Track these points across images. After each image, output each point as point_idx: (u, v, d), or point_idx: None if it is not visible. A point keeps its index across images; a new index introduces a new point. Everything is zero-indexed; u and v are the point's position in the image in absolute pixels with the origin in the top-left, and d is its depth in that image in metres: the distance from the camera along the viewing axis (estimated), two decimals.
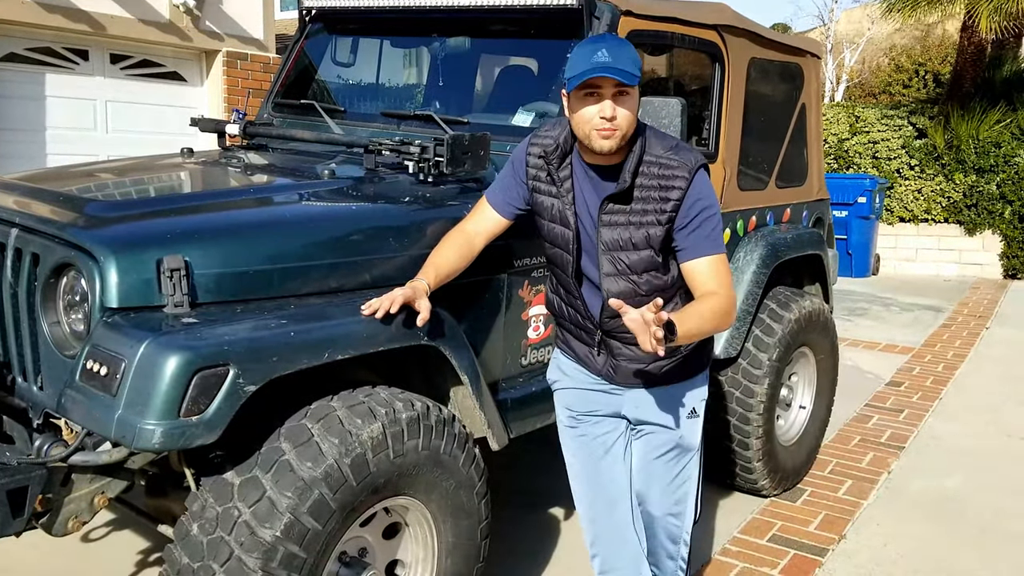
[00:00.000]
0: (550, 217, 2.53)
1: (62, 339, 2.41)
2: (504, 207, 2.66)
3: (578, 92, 2.30)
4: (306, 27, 4.13)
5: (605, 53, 2.24)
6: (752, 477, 4.25)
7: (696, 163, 2.39)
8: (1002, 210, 12.08)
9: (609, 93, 2.27)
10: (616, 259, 2.45)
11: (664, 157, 2.39)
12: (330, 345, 2.34)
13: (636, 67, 2.27)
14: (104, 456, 2.31)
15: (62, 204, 2.60)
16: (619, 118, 2.28)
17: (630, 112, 2.30)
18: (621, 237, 2.42)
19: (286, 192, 2.98)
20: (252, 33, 8.86)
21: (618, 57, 2.25)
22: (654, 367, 2.60)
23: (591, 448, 2.75)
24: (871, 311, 9.64)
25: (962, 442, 5.42)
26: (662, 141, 2.43)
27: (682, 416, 2.67)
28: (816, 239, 4.62)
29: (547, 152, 2.48)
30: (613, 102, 2.27)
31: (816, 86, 4.88)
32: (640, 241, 2.41)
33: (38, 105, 7.58)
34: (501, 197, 2.66)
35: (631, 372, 2.61)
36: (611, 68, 2.22)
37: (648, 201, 2.38)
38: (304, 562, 2.23)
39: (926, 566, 3.82)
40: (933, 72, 18.55)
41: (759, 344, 4.06)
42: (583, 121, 2.32)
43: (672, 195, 2.36)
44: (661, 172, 2.37)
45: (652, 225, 2.39)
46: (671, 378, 2.64)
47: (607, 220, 2.43)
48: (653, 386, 2.64)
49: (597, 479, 2.75)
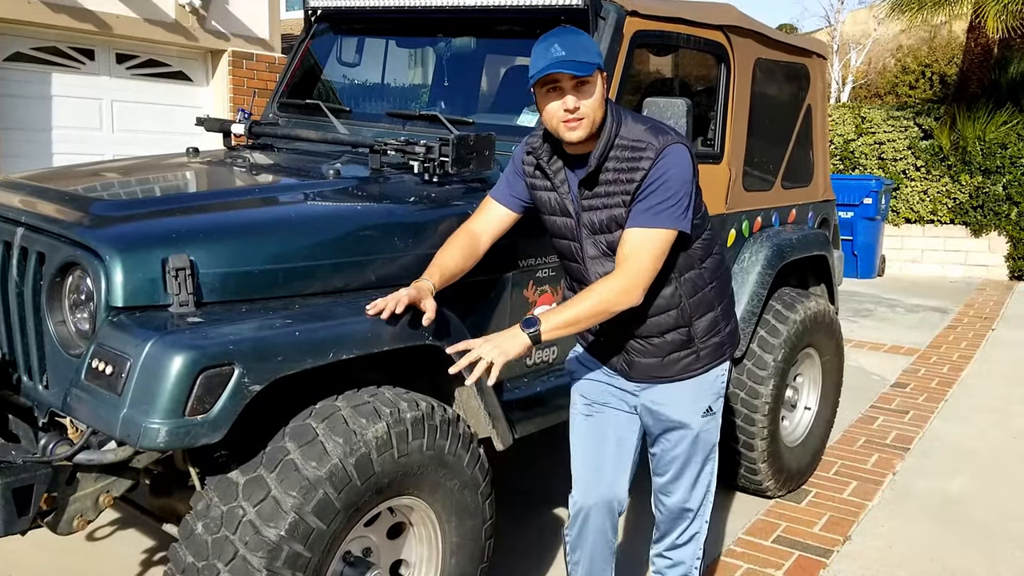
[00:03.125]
0: (550, 211, 2.59)
1: (67, 338, 2.41)
2: (510, 200, 2.70)
3: (541, 89, 2.36)
4: (312, 27, 4.14)
5: (559, 47, 2.30)
6: (757, 478, 4.24)
7: (667, 143, 2.38)
8: (1008, 211, 12.05)
9: (569, 86, 2.33)
10: (598, 242, 2.51)
11: (637, 139, 2.41)
12: (335, 345, 2.34)
13: (593, 55, 2.32)
14: (109, 455, 2.32)
15: (68, 203, 2.61)
16: (582, 108, 2.34)
17: (594, 99, 2.35)
18: (599, 219, 2.47)
19: (291, 192, 2.98)
20: (258, 33, 8.87)
21: (572, 49, 2.29)
22: (669, 360, 2.61)
23: (601, 443, 2.77)
24: (876, 312, 9.62)
25: (968, 443, 5.40)
26: (639, 123, 2.45)
27: (697, 413, 2.68)
28: (821, 240, 4.61)
29: (535, 149, 2.56)
30: (574, 94, 2.33)
31: (822, 87, 4.87)
32: (611, 223, 2.46)
33: (44, 104, 7.61)
34: (506, 191, 2.71)
35: (645, 366, 2.63)
36: (565, 62, 2.28)
37: (616, 183, 2.42)
38: (308, 561, 2.23)
39: (931, 568, 3.81)
40: (939, 73, 18.54)
41: (764, 345, 4.05)
42: (549, 116, 2.38)
43: (636, 176, 2.39)
44: (631, 155, 2.40)
45: (618, 207, 2.43)
46: (688, 370, 2.64)
47: (586, 204, 2.48)
48: (671, 381, 2.64)
49: (598, 473, 2.77)
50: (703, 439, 2.71)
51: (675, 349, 2.60)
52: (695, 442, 2.70)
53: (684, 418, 2.67)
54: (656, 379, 2.64)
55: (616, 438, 2.76)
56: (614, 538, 2.88)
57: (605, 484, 2.77)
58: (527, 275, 3.11)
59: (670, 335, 2.58)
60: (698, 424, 2.68)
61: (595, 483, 2.78)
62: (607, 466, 2.77)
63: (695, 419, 2.68)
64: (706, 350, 2.64)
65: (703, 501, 2.81)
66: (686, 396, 2.66)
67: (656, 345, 2.59)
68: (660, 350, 2.60)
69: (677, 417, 2.67)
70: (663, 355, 2.60)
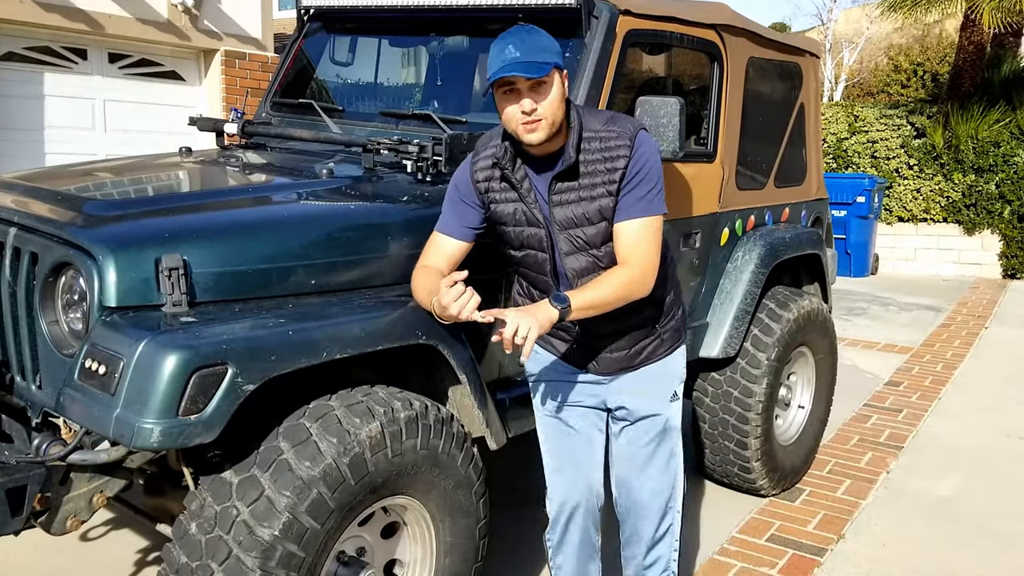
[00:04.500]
0: (515, 222, 2.53)
1: (61, 338, 2.41)
2: (463, 231, 2.59)
3: (498, 92, 2.34)
4: (304, 26, 4.13)
5: (513, 49, 2.28)
6: (751, 477, 4.25)
7: (635, 129, 2.42)
8: (1001, 210, 12.09)
9: (525, 87, 2.31)
10: (573, 236, 2.49)
11: (603, 130, 2.42)
12: (328, 344, 2.34)
13: (549, 53, 2.30)
14: (103, 455, 2.31)
15: (61, 203, 2.60)
16: (540, 109, 2.32)
17: (551, 100, 2.33)
18: (574, 213, 2.46)
19: (284, 191, 2.98)
20: (250, 32, 8.86)
21: (527, 50, 2.28)
22: (635, 349, 2.66)
23: (574, 442, 2.78)
24: (870, 311, 9.64)
25: (961, 442, 5.42)
26: (596, 116, 2.48)
27: (666, 399, 2.74)
28: (815, 239, 4.62)
29: (499, 159, 2.48)
30: (531, 95, 2.31)
31: (815, 85, 4.88)
32: (594, 214, 2.45)
33: (36, 104, 7.59)
34: (457, 223, 2.59)
35: (613, 360, 2.67)
36: (520, 63, 2.26)
37: (596, 174, 2.42)
38: (302, 561, 2.23)
39: (925, 566, 3.82)
40: (931, 72, 18.59)
41: (758, 344, 4.06)
42: (508, 119, 2.36)
43: (619, 164, 2.40)
44: (603, 145, 2.41)
45: (603, 196, 2.43)
46: (653, 356, 2.70)
47: (557, 200, 2.46)
48: (637, 368, 2.69)
49: (576, 472, 2.78)
50: (671, 425, 2.77)
51: (641, 338, 2.66)
52: (665, 429, 2.75)
53: (654, 405, 2.73)
54: (624, 370, 2.69)
55: (586, 437, 2.78)
56: (597, 536, 2.89)
57: (583, 483, 2.79)
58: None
59: (634, 324, 2.62)
60: (667, 410, 2.75)
61: (573, 483, 2.79)
62: (583, 465, 2.79)
63: (664, 405, 2.74)
64: (667, 334, 2.71)
65: (674, 491, 2.83)
66: (654, 382, 2.72)
67: (622, 337, 2.63)
68: (627, 342, 2.65)
69: (647, 404, 2.72)
70: (630, 346, 2.66)
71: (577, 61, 3.20)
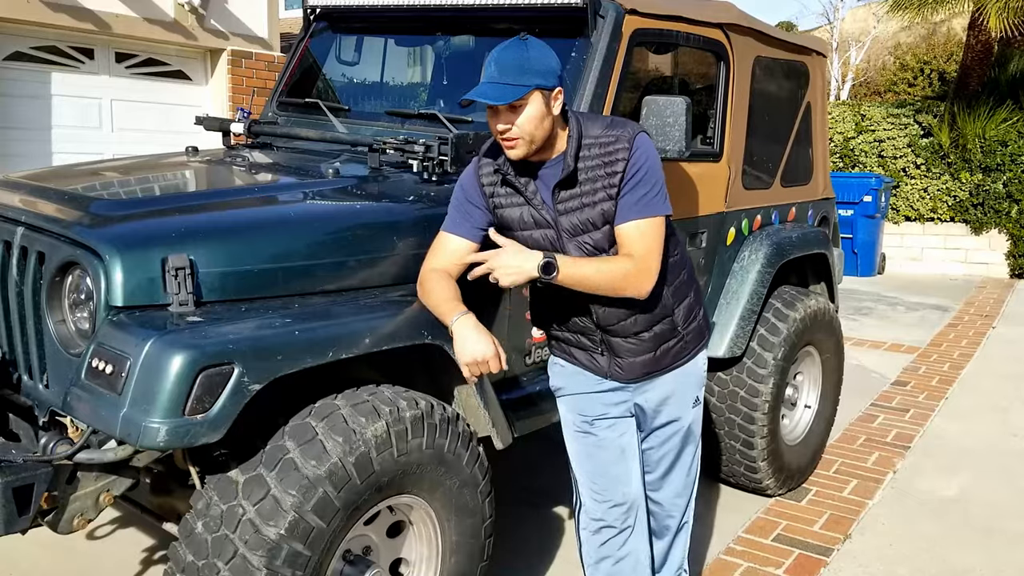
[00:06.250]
0: (523, 226, 2.51)
1: (67, 337, 2.41)
2: (471, 232, 2.56)
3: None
4: (311, 26, 4.14)
5: (494, 68, 2.29)
6: (757, 476, 4.24)
7: (633, 132, 2.42)
8: (1009, 209, 12.04)
9: (502, 107, 2.30)
10: (581, 243, 2.48)
11: (602, 136, 2.42)
12: (334, 344, 2.34)
13: (530, 75, 2.27)
14: (109, 454, 2.32)
15: (67, 203, 2.61)
16: (515, 128, 2.32)
17: (528, 119, 2.31)
18: (579, 220, 2.45)
19: (291, 191, 2.98)
20: (257, 32, 8.87)
21: (507, 70, 2.27)
22: (660, 351, 2.64)
23: (607, 453, 2.75)
24: (877, 310, 9.62)
25: (968, 442, 5.40)
26: (596, 122, 2.47)
27: (688, 404, 2.76)
28: (821, 238, 4.61)
29: (500, 166, 2.49)
30: (507, 114, 2.31)
31: (822, 85, 4.87)
32: (597, 219, 2.44)
33: (43, 104, 7.61)
34: (466, 224, 2.56)
35: (639, 364, 2.64)
36: (491, 85, 2.26)
37: (596, 180, 2.41)
38: (308, 560, 2.23)
39: (931, 566, 3.81)
40: (938, 70, 18.53)
41: (764, 343, 4.05)
42: (494, 134, 2.39)
43: (618, 167, 2.39)
44: (602, 151, 2.41)
45: (605, 200, 2.42)
46: (679, 358, 2.69)
47: (562, 208, 2.46)
48: (663, 372, 2.68)
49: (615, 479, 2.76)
50: (692, 430, 2.80)
51: (664, 340, 2.64)
52: (687, 433, 2.78)
53: (678, 412, 2.74)
54: (649, 374, 2.67)
55: (619, 449, 2.75)
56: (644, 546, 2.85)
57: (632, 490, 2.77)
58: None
59: (658, 327, 2.61)
60: (689, 416, 2.77)
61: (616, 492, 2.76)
62: (622, 475, 2.76)
63: (687, 411, 2.76)
64: (690, 335, 2.69)
65: (693, 490, 2.89)
66: (679, 388, 2.72)
67: (647, 340, 2.61)
68: (652, 344, 2.62)
69: (670, 410, 2.73)
70: (655, 348, 2.63)
71: (583, 60, 3.20)
